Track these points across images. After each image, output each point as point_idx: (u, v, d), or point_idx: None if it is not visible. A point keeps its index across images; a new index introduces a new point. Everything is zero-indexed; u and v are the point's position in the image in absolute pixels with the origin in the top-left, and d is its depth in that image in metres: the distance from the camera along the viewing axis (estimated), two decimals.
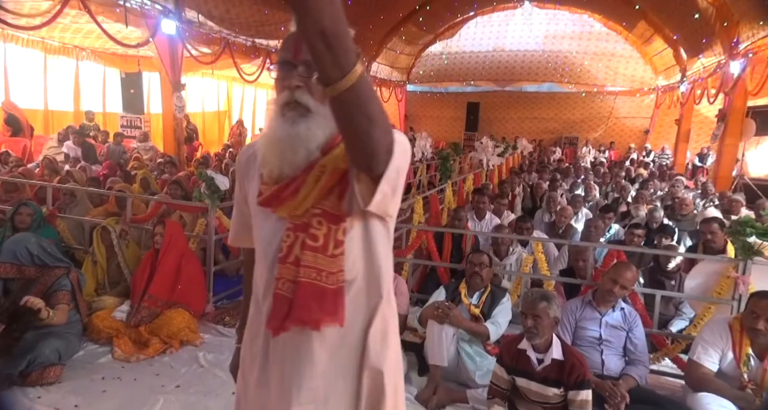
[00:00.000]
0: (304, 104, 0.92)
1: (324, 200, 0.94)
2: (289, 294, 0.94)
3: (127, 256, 3.47)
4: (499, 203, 5.23)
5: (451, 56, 17.76)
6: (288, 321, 0.93)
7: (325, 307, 0.93)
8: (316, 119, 0.92)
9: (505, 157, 10.68)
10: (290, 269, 0.95)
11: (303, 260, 0.93)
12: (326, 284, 0.93)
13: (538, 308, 2.09)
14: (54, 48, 9.80)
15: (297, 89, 0.92)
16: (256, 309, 1.05)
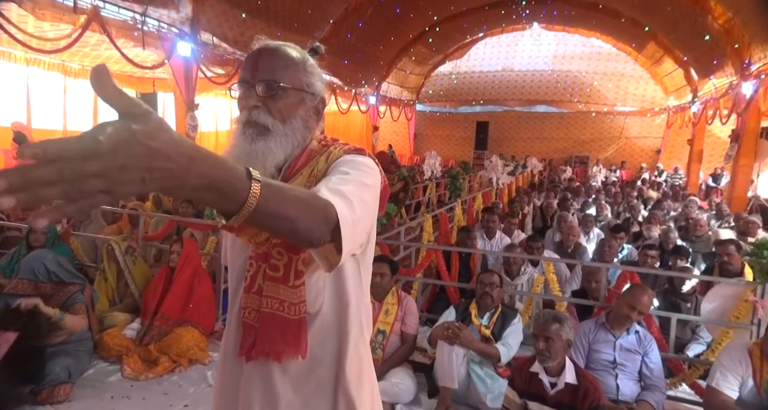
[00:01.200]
0: (261, 123, 0.91)
1: None
2: (254, 323, 0.94)
3: (134, 272, 3.46)
4: (510, 222, 5.20)
5: (461, 76, 17.98)
6: (253, 350, 0.93)
7: (288, 338, 0.92)
8: (275, 137, 0.91)
9: (515, 176, 10.68)
10: (254, 299, 0.94)
11: (265, 290, 0.92)
12: (288, 315, 0.91)
13: (551, 330, 2.06)
14: (74, 70, 10.13)
15: (254, 109, 0.91)
16: (227, 332, 1.04)
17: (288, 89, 0.93)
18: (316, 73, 0.99)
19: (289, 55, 0.96)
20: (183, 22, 7.71)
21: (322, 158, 0.95)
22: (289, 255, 0.92)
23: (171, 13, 7.52)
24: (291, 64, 0.94)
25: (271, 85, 0.91)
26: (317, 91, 0.98)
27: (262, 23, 9.48)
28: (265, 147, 0.90)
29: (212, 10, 8.29)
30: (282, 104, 0.92)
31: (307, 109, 0.97)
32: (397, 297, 2.88)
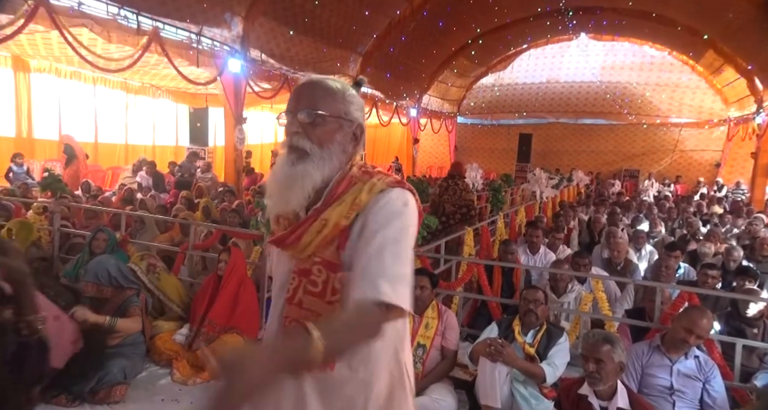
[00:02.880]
0: (301, 148, 1.01)
1: (324, 250, 1.02)
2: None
3: (163, 288, 3.44)
4: (554, 237, 5.02)
5: (504, 88, 17.76)
6: None
7: None
8: (313, 160, 1.01)
9: (559, 189, 10.35)
10: (295, 310, 1.02)
11: (305, 302, 1.01)
12: None
13: (601, 351, 1.95)
14: (134, 88, 10.86)
15: (295, 135, 1.02)
16: (266, 340, 1.12)
17: (326, 117, 1.02)
18: (355, 102, 1.08)
19: (329, 86, 1.05)
20: (234, 40, 8.11)
21: (366, 187, 1.02)
22: (327, 273, 1.01)
23: (224, 31, 7.93)
24: (329, 94, 1.04)
25: (310, 114, 1.01)
26: (355, 119, 1.07)
27: (308, 39, 9.81)
28: (304, 170, 1.00)
29: (261, 28, 8.67)
30: (320, 130, 1.02)
31: (344, 134, 1.06)
32: (438, 311, 2.84)
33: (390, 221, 0.97)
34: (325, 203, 1.02)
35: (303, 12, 9.02)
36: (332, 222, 1.00)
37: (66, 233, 4.43)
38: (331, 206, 1.01)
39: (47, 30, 5.74)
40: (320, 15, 9.40)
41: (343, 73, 11.62)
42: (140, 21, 6.44)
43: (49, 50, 7.68)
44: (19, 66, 8.50)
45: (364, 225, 0.99)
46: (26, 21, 5.05)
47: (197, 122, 11.99)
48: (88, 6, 5.87)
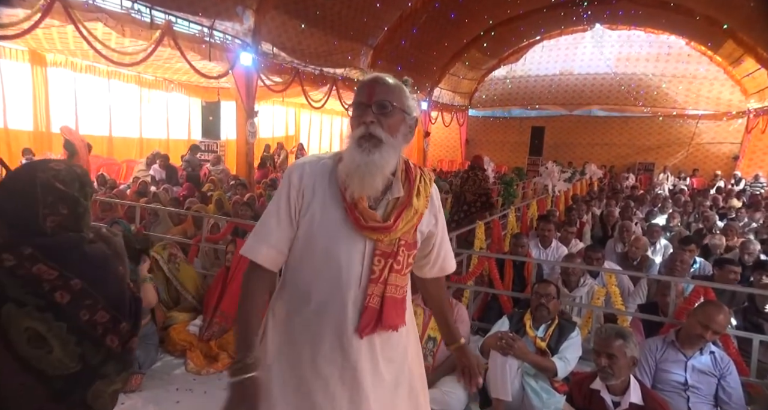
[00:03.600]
0: (377, 136, 1.11)
1: (407, 234, 1.19)
2: (377, 307, 1.17)
3: (181, 278, 3.51)
4: (567, 230, 4.97)
5: (516, 80, 17.55)
6: (378, 327, 1.17)
7: (399, 313, 1.21)
8: (388, 148, 1.12)
9: (572, 183, 10.23)
10: (380, 288, 1.17)
11: (390, 280, 1.17)
12: (398, 296, 1.20)
13: (614, 346, 1.94)
14: (148, 82, 10.95)
15: (371, 124, 1.12)
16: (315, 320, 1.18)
17: (397, 108, 1.15)
18: (411, 98, 1.21)
19: (395, 83, 1.19)
20: (246, 34, 8.12)
21: (426, 179, 1.24)
22: (407, 252, 1.20)
23: (235, 25, 7.94)
24: (398, 90, 1.17)
25: (385, 105, 1.13)
26: (414, 113, 1.21)
27: (319, 33, 9.78)
28: (381, 157, 1.11)
29: (273, 22, 8.66)
30: (392, 120, 1.14)
31: (406, 126, 1.19)
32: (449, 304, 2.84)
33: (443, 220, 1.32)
34: (408, 192, 1.18)
35: (314, 5, 8.98)
36: (420, 211, 1.20)
37: None
38: (413, 195, 1.18)
39: (63, 24, 5.80)
40: (331, 7, 9.35)
41: (354, 66, 11.58)
42: (153, 15, 6.48)
43: (65, 44, 7.77)
44: (36, 60, 8.62)
45: (437, 217, 1.28)
46: (42, 15, 5.11)
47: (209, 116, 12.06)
48: (102, 0, 5.92)
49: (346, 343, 1.16)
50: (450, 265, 1.41)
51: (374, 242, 1.15)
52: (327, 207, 1.15)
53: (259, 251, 1.20)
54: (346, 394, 1.17)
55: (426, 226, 1.25)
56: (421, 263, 1.35)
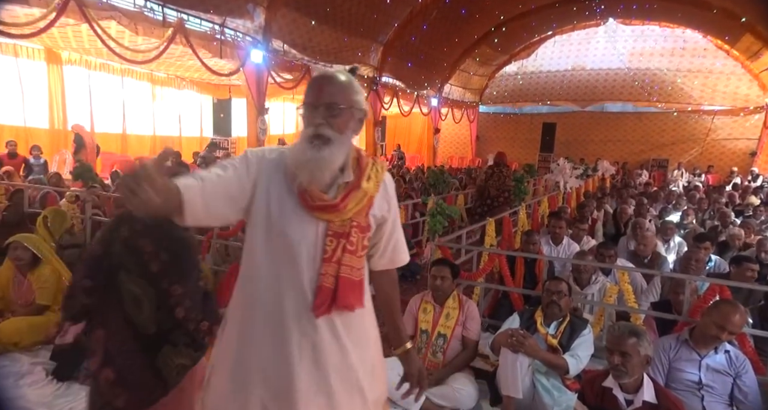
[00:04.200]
0: (326, 136, 1.17)
1: (359, 215, 1.24)
2: (331, 286, 1.20)
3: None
4: (578, 227, 4.92)
5: (527, 76, 17.39)
6: (333, 306, 1.20)
7: (356, 294, 1.24)
8: (337, 145, 1.18)
9: (584, 179, 10.13)
10: (334, 267, 1.21)
11: (343, 260, 1.21)
12: (354, 278, 1.24)
13: (627, 344, 1.92)
14: (161, 79, 11.05)
15: (320, 126, 1.18)
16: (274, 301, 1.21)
17: (344, 109, 1.20)
18: (361, 92, 1.26)
19: (343, 80, 1.22)
20: (256, 31, 8.15)
21: (378, 167, 1.30)
22: (359, 234, 1.24)
23: (246, 22, 7.98)
24: (345, 88, 1.21)
25: (333, 107, 1.18)
26: (363, 107, 1.26)
27: (329, 29, 9.78)
28: (330, 153, 1.17)
29: (283, 19, 8.68)
30: (340, 120, 1.20)
31: (355, 121, 1.25)
32: (459, 301, 2.84)
33: (396, 208, 1.36)
34: (358, 177, 1.24)
35: (325, 2, 8.98)
36: (369, 194, 1.25)
37: (97, 222, 4.58)
38: (363, 179, 1.24)
39: (77, 23, 5.88)
40: (342, 4, 9.34)
41: (364, 62, 11.57)
42: (165, 13, 6.53)
43: (80, 43, 7.88)
44: (51, 58, 8.76)
45: (389, 203, 1.32)
46: (58, 14, 5.18)
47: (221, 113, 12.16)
48: None
49: (303, 323, 1.20)
50: (401, 258, 1.42)
51: (326, 224, 1.20)
52: (280, 194, 1.21)
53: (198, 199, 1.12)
54: (306, 374, 1.19)
55: (379, 210, 1.29)
56: (371, 252, 1.35)
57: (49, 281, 3.10)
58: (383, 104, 12.58)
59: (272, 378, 1.20)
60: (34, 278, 3.08)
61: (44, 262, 3.13)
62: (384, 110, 12.89)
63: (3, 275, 3.15)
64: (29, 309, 3.05)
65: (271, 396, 1.20)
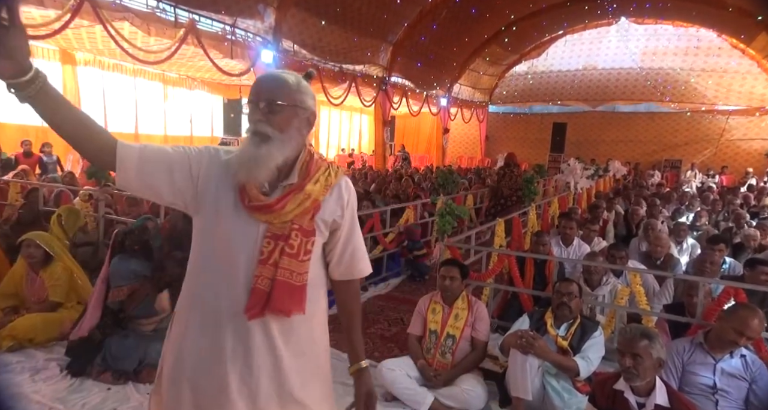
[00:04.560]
0: (263, 133, 1.15)
1: (301, 219, 1.20)
2: (266, 289, 1.17)
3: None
4: (589, 228, 4.87)
5: (537, 76, 17.28)
6: (266, 310, 1.16)
7: (295, 300, 1.19)
8: (275, 143, 1.16)
9: (594, 180, 10.03)
10: (270, 270, 1.17)
11: (281, 263, 1.17)
12: (294, 282, 1.19)
13: (639, 346, 1.90)
14: (172, 79, 11.16)
15: (258, 122, 1.16)
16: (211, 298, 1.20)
17: (284, 107, 1.17)
18: (308, 93, 1.24)
19: (285, 79, 1.21)
20: (267, 32, 8.20)
21: (331, 172, 1.26)
22: (302, 238, 1.20)
23: (257, 23, 8.02)
24: (286, 86, 1.19)
25: (271, 103, 1.16)
26: (308, 107, 1.23)
27: (339, 30, 9.80)
28: (268, 151, 1.15)
29: (293, 19, 8.72)
30: (279, 117, 1.17)
31: (300, 120, 1.21)
32: (468, 302, 2.83)
33: (354, 216, 1.32)
34: (302, 179, 1.21)
35: (334, 2, 9.00)
36: (313, 197, 1.21)
37: (109, 220, 4.64)
38: (309, 182, 1.21)
39: (92, 24, 5.96)
40: (351, 4, 9.36)
41: (373, 62, 11.58)
42: (177, 13, 6.60)
43: (93, 44, 7.99)
44: (66, 59, 8.88)
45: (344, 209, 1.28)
46: (72, 15, 5.26)
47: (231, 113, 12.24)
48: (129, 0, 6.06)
49: (238, 324, 1.18)
50: (359, 268, 1.35)
51: (267, 226, 1.18)
52: (226, 194, 1.20)
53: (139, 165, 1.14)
54: (237, 376, 1.18)
55: (330, 215, 1.25)
56: (328, 259, 1.33)
57: (61, 279, 3.14)
58: (392, 104, 12.57)
59: (205, 376, 1.19)
60: (46, 275, 3.13)
61: (56, 260, 3.17)
62: (393, 110, 12.88)
63: (17, 273, 3.20)
64: (43, 306, 3.10)
65: (203, 394, 1.20)
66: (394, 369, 2.64)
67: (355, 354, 1.37)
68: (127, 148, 1.11)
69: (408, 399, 2.57)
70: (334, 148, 16.90)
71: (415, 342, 2.82)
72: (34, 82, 0.96)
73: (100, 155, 1.10)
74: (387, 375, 2.62)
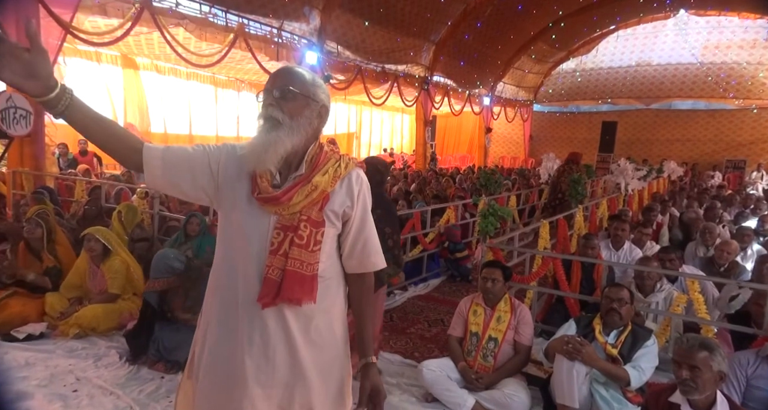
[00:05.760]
0: (274, 117, 1.18)
1: (309, 210, 1.22)
2: (277, 279, 1.20)
3: None
4: (641, 232, 4.63)
5: (586, 73, 16.63)
6: (278, 298, 1.20)
7: (305, 289, 1.22)
8: (284, 128, 1.18)
9: (647, 181, 9.52)
10: (280, 260, 1.21)
11: (291, 253, 1.20)
12: (305, 272, 1.22)
13: (697, 358, 1.78)
14: (222, 82, 11.61)
15: (270, 106, 1.20)
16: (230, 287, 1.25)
17: (297, 94, 1.21)
18: (322, 88, 1.28)
19: (301, 72, 1.26)
20: (312, 34, 8.37)
21: (342, 164, 1.26)
22: (311, 228, 1.22)
23: (302, 25, 8.21)
24: (301, 77, 1.24)
25: (283, 89, 1.19)
26: (321, 100, 1.25)
27: (382, 30, 9.85)
28: (276, 136, 1.17)
29: (337, 21, 8.85)
30: (291, 104, 1.20)
31: (311, 111, 1.24)
32: (511, 305, 2.76)
33: (366, 211, 1.32)
34: (311, 170, 1.23)
35: (378, 2, 9.05)
36: (320, 188, 1.22)
37: (163, 217, 4.88)
38: (317, 173, 1.22)
39: (150, 31, 6.31)
40: (395, 4, 9.38)
41: (416, 62, 11.55)
42: (228, 18, 6.86)
43: (151, 49, 8.45)
44: (127, 64, 9.45)
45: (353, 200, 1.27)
46: (133, 23, 5.59)
47: None
48: (183, 6, 6.37)
49: (253, 313, 1.22)
50: (371, 261, 1.35)
51: (277, 217, 1.21)
52: (242, 187, 1.24)
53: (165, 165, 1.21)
54: (254, 365, 1.22)
55: (339, 206, 1.26)
56: (341, 252, 1.34)
57: (118, 272, 3.34)
58: (434, 104, 12.49)
59: (223, 364, 1.24)
60: (105, 268, 3.34)
61: (114, 253, 3.38)
62: (434, 110, 12.80)
63: (81, 266, 3.44)
64: (103, 297, 3.31)
65: (223, 381, 1.24)
66: (435, 369, 2.62)
67: (363, 349, 1.35)
68: (151, 150, 1.20)
69: (448, 401, 2.55)
70: (376, 148, 17.00)
71: (456, 343, 2.79)
72: (61, 99, 1.04)
73: (129, 158, 1.19)
74: (427, 375, 2.61)
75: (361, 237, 1.31)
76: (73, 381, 2.59)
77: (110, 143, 1.16)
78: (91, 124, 1.12)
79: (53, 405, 2.35)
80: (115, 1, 5.66)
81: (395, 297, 4.37)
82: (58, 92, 1.03)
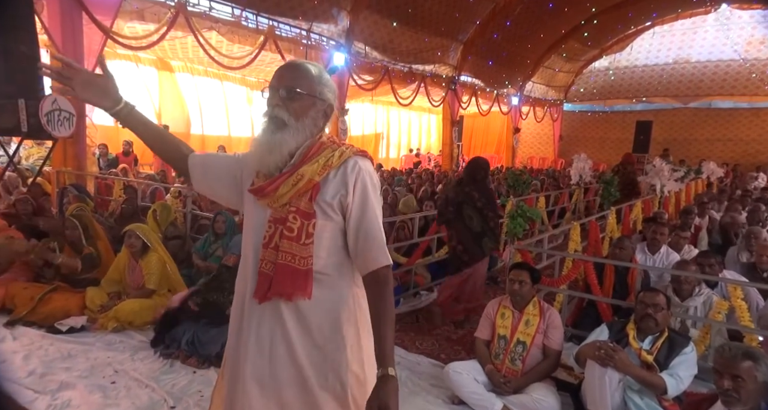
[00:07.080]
0: (280, 118, 1.19)
1: (298, 201, 1.20)
2: (270, 273, 1.20)
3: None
4: (679, 235, 4.45)
5: (620, 71, 16.15)
6: (269, 293, 1.20)
7: (297, 283, 1.19)
8: (290, 130, 1.19)
9: (685, 182, 9.15)
10: (272, 253, 1.21)
11: (281, 246, 1.19)
12: (298, 266, 1.19)
13: (740, 367, 1.70)
14: (252, 83, 11.84)
15: (276, 107, 1.20)
16: (241, 281, 1.30)
17: (303, 95, 1.20)
18: (329, 85, 1.26)
19: (308, 68, 1.23)
20: (340, 35, 8.44)
21: (336, 153, 1.22)
22: (301, 220, 1.19)
23: (331, 26, 8.29)
24: (307, 76, 1.22)
25: (290, 90, 1.19)
26: (327, 99, 1.25)
27: (410, 31, 9.84)
28: (282, 138, 1.18)
29: (365, 21, 8.90)
30: (297, 105, 1.20)
31: (317, 110, 1.23)
32: (540, 308, 2.71)
33: (367, 199, 1.23)
34: (300, 161, 1.21)
35: (406, 2, 9.05)
36: (307, 177, 1.19)
37: (195, 215, 5.02)
38: (306, 164, 1.20)
39: (185, 35, 6.51)
40: (423, 4, 9.36)
41: (443, 62, 11.48)
42: (258, 21, 7.00)
43: (185, 52, 8.72)
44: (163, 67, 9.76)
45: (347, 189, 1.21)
46: (168, 28, 5.78)
47: None
48: (216, 10, 6.54)
49: (253, 308, 1.24)
50: (373, 258, 1.21)
51: (271, 210, 1.22)
52: (249, 185, 1.29)
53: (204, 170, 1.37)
54: (251, 360, 1.23)
55: (332, 196, 1.20)
56: (350, 247, 1.25)
57: (155, 268, 3.46)
58: (461, 104, 12.39)
59: (232, 359, 1.29)
60: (143, 264, 3.46)
61: (152, 250, 3.50)
62: (462, 110, 12.69)
63: (121, 261, 3.58)
64: (140, 292, 3.43)
65: (232, 377, 1.28)
66: (462, 372, 2.60)
67: (379, 358, 1.17)
68: (196, 157, 1.35)
69: (476, 404, 2.52)
70: (404, 147, 16.99)
71: (483, 346, 2.76)
72: (123, 111, 1.28)
73: (179, 164, 1.36)
74: (454, 377, 2.59)
75: (361, 230, 1.21)
76: (111, 373, 2.69)
77: (163, 149, 1.36)
78: (145, 130, 1.31)
79: (93, 396, 2.44)
80: (153, 5, 5.87)
81: (421, 298, 4.35)
82: (122, 106, 1.27)
